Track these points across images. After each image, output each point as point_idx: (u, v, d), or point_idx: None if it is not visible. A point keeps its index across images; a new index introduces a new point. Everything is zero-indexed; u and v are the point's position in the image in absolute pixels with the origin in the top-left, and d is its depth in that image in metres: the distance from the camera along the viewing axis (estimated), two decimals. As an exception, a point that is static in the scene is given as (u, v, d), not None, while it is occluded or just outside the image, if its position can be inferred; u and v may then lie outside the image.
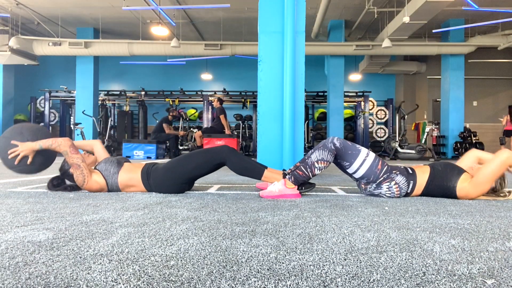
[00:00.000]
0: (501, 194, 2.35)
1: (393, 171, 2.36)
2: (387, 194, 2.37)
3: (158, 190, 2.47)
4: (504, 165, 2.22)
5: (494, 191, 2.35)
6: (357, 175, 2.40)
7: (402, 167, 2.43)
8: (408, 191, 2.37)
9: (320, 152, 2.33)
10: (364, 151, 2.36)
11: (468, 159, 2.47)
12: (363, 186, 2.46)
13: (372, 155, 2.36)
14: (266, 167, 2.51)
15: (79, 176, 2.38)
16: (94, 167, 2.52)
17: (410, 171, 2.39)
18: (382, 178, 2.34)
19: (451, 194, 2.33)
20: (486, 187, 2.25)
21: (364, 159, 2.33)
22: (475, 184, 2.25)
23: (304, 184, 2.47)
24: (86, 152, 2.65)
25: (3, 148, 2.36)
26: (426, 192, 2.39)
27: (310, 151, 2.49)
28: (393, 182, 2.33)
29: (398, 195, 2.36)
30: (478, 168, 2.33)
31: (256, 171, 2.47)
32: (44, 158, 2.44)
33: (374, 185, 2.37)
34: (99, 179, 2.43)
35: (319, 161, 2.32)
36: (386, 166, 2.36)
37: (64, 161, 2.53)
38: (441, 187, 2.34)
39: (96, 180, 2.42)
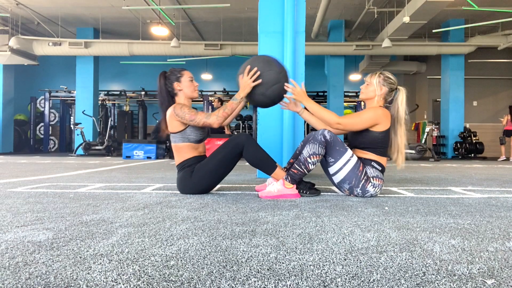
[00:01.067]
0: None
1: (365, 171, 2.36)
2: (377, 191, 2.38)
3: (180, 188, 2.48)
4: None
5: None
6: (337, 178, 2.38)
7: (357, 160, 2.41)
8: (380, 169, 2.40)
9: (311, 146, 2.31)
10: (349, 152, 2.36)
11: None
12: (346, 192, 2.44)
13: (355, 157, 2.36)
14: (276, 164, 2.49)
15: (181, 114, 2.39)
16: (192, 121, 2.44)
17: (361, 158, 2.41)
18: (363, 180, 2.34)
19: (378, 137, 2.38)
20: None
21: (348, 159, 2.33)
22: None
23: (310, 188, 2.46)
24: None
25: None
26: (380, 154, 2.41)
27: (300, 145, 2.48)
28: (371, 179, 2.35)
29: (382, 182, 2.39)
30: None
31: (269, 165, 2.44)
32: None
33: (358, 190, 2.36)
34: (179, 126, 2.44)
35: (311, 156, 2.31)
36: (366, 168, 2.37)
37: (179, 72, 2.53)
38: (369, 139, 2.39)
39: (180, 123, 2.43)
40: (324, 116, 2.38)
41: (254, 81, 2.37)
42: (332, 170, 2.38)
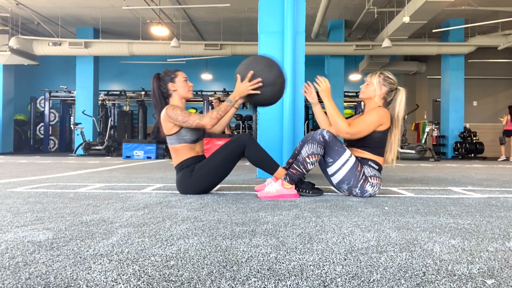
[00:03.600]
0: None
1: (363, 170, 2.36)
2: (376, 190, 2.38)
3: (180, 188, 2.47)
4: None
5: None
6: (336, 178, 2.38)
7: (355, 160, 2.40)
8: (377, 168, 2.40)
9: (309, 145, 2.31)
10: (348, 152, 2.35)
11: None
12: (346, 193, 2.45)
13: (353, 157, 2.36)
14: (279, 165, 2.49)
15: (174, 116, 2.37)
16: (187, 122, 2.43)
17: (359, 158, 2.41)
18: (362, 180, 2.34)
19: (379, 137, 2.39)
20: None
21: (347, 159, 2.33)
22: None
23: (312, 188, 2.46)
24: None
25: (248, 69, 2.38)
26: (378, 153, 2.41)
27: (299, 145, 2.48)
28: (369, 178, 2.35)
29: (380, 181, 2.39)
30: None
31: (271, 165, 2.44)
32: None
33: (357, 190, 2.36)
34: (174, 129, 2.43)
35: (310, 156, 2.30)
36: (363, 168, 2.37)
37: (173, 72, 2.52)
38: (373, 140, 2.39)
39: (173, 126, 2.42)
40: (336, 121, 2.37)
41: (253, 89, 2.36)
42: (330, 170, 2.38)
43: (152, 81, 2.52)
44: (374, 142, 2.39)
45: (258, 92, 2.37)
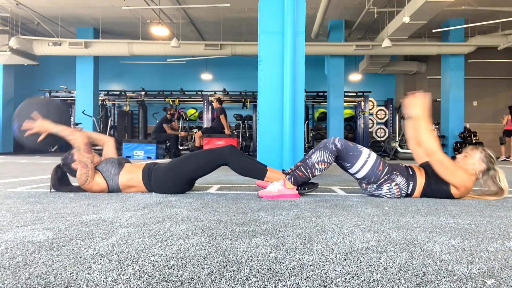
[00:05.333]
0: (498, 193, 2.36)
1: (394, 172, 2.34)
2: (387, 195, 2.37)
3: (159, 190, 2.47)
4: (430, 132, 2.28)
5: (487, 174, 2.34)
6: (358, 175, 2.39)
7: (403, 166, 2.42)
8: (408, 192, 2.37)
9: (321, 153, 2.31)
10: (365, 152, 2.34)
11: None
12: (364, 185, 2.45)
13: (373, 156, 2.35)
14: (266, 167, 2.51)
15: (82, 175, 2.36)
16: (95, 166, 2.50)
17: (411, 172, 2.38)
18: (383, 179, 2.33)
19: (448, 195, 2.33)
20: (458, 173, 2.26)
21: (365, 160, 2.31)
22: (451, 175, 2.27)
23: (307, 184, 2.47)
24: (95, 146, 2.64)
25: (22, 115, 2.35)
26: (424, 194, 2.38)
27: (311, 151, 2.47)
28: (393, 183, 2.33)
29: (399, 196, 2.36)
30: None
31: (258, 172, 2.47)
32: (53, 140, 2.41)
33: (374, 186, 2.37)
34: (100, 181, 2.41)
35: (320, 163, 2.31)
36: (388, 167, 2.34)
37: (69, 153, 2.47)
38: (438, 190, 2.34)
39: (98, 182, 2.41)
40: (424, 138, 2.27)
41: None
42: (352, 171, 2.40)
43: (53, 173, 2.50)
44: (437, 190, 2.33)
45: (43, 134, 2.36)
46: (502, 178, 2.36)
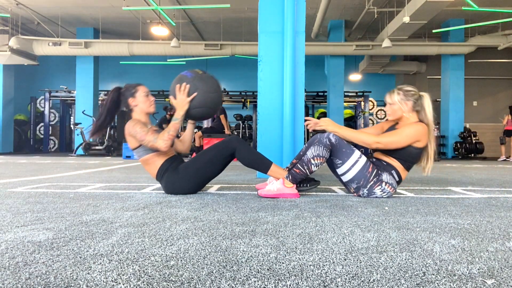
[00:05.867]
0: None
1: (379, 172, 2.34)
2: (384, 196, 2.37)
3: (168, 190, 2.46)
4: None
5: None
6: (346, 178, 2.37)
7: (373, 160, 2.41)
8: (397, 180, 2.37)
9: (315, 147, 2.30)
10: (357, 152, 2.34)
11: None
12: (352, 190, 2.43)
13: (364, 158, 2.34)
14: (271, 162, 2.50)
15: (140, 140, 2.37)
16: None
17: (384, 163, 2.38)
18: (372, 181, 2.32)
19: (419, 151, 2.35)
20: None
21: (356, 160, 2.31)
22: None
23: (309, 181, 2.46)
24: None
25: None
26: (408, 168, 2.39)
27: (305, 147, 2.47)
28: (383, 183, 2.33)
29: (394, 191, 2.37)
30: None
31: (263, 164, 2.45)
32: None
33: (365, 190, 2.35)
34: (134, 143, 2.42)
35: (315, 157, 2.30)
36: (376, 169, 2.35)
37: (133, 87, 2.50)
38: (410, 157, 2.36)
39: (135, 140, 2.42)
40: (361, 138, 2.34)
41: (188, 96, 2.38)
42: (340, 171, 2.38)
43: (110, 92, 2.50)
44: (409, 156, 2.35)
45: (195, 94, 2.38)
46: (428, 105, 2.39)
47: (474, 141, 10.28)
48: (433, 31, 9.96)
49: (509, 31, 9.99)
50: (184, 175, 2.42)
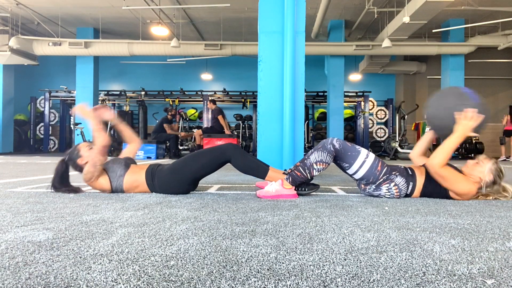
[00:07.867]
0: (504, 193, 2.32)
1: (393, 172, 2.34)
2: (386, 196, 2.36)
3: (163, 191, 2.47)
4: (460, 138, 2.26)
5: (492, 186, 2.30)
6: (357, 176, 2.39)
7: (402, 167, 2.42)
8: (408, 193, 2.36)
9: (319, 153, 2.32)
10: (364, 152, 2.34)
11: None
12: (362, 186, 2.45)
13: (372, 156, 2.34)
14: (269, 167, 2.51)
15: (88, 173, 2.36)
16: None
17: (410, 172, 2.37)
18: (382, 179, 2.33)
19: (447, 197, 2.32)
20: (462, 181, 2.24)
21: (363, 161, 2.32)
22: (454, 182, 2.24)
23: (308, 184, 2.46)
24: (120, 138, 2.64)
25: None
26: (424, 194, 2.38)
27: (310, 151, 2.47)
28: (392, 184, 2.32)
29: (398, 196, 2.36)
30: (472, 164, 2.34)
31: (260, 170, 2.47)
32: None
33: (373, 186, 2.36)
34: (104, 183, 2.42)
35: (318, 163, 2.31)
36: (386, 167, 2.34)
37: (75, 148, 2.48)
38: (437, 191, 2.33)
39: (101, 183, 2.42)
40: (442, 155, 2.24)
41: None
42: (350, 172, 2.39)
43: (57, 166, 2.47)
44: (440, 193, 2.32)
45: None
46: (508, 188, 2.33)
47: (474, 141, 10.27)
48: (433, 31, 9.96)
49: (509, 31, 9.99)
50: (177, 176, 2.43)
